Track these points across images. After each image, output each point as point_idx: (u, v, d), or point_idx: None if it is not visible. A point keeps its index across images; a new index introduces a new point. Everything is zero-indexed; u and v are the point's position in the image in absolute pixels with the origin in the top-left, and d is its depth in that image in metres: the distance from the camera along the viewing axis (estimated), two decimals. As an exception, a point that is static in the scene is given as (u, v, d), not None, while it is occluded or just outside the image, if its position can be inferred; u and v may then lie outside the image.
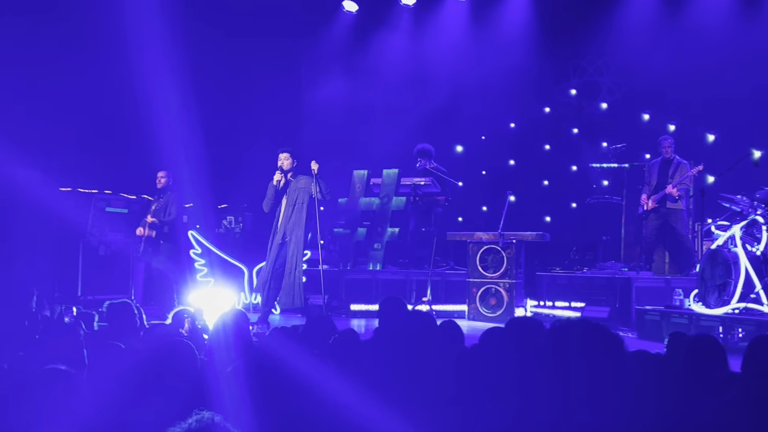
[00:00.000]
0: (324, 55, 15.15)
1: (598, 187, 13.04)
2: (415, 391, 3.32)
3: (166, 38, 11.27)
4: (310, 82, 15.40)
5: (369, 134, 14.18)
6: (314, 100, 15.18)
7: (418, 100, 14.20)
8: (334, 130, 14.36)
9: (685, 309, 9.27)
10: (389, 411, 3.05)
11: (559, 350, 2.96)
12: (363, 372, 3.60)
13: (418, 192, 11.96)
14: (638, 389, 3.34)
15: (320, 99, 14.96)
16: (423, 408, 3.19)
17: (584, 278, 11.15)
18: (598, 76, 14.31)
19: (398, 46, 14.83)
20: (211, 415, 2.33)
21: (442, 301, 11.25)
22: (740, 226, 8.75)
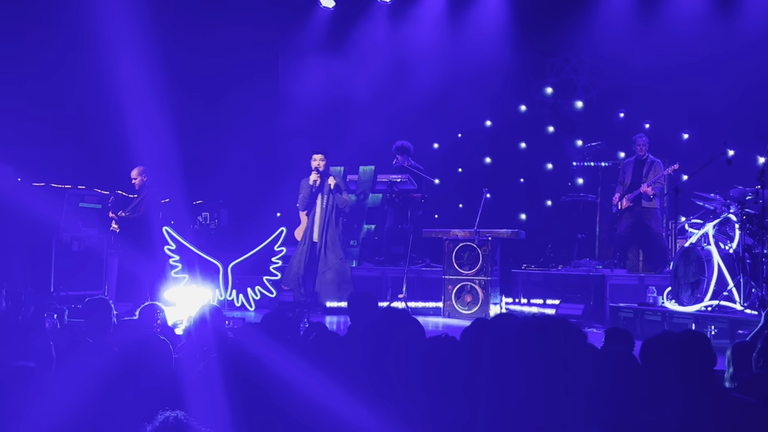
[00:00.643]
0: (301, 51, 15.10)
1: (573, 185, 13.10)
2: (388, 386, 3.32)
3: (139, 32, 11.17)
4: (287, 78, 15.35)
5: (345, 131, 14.14)
6: (291, 96, 15.12)
7: (394, 97, 14.18)
8: (311, 126, 14.31)
9: (658, 306, 9.36)
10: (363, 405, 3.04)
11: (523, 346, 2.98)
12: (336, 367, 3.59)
13: (394, 189, 11.96)
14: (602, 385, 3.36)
15: (296, 95, 14.90)
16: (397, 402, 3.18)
17: (559, 276, 11.22)
18: (574, 74, 14.38)
19: (375, 43, 14.80)
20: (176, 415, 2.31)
21: (417, 298, 11.25)
22: (713, 224, 8.84)
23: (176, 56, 12.49)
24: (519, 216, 13.93)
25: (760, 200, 8.31)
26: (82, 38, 11.31)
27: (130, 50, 11.22)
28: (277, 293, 11.12)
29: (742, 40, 12.45)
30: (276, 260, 11.12)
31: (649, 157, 11.11)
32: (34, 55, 11.70)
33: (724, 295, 8.56)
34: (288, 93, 15.23)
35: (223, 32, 13.68)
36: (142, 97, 11.35)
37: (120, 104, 11.23)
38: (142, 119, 11.35)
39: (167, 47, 11.83)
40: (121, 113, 11.23)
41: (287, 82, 15.33)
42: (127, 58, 11.25)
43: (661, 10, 13.30)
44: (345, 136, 13.96)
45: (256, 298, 11.12)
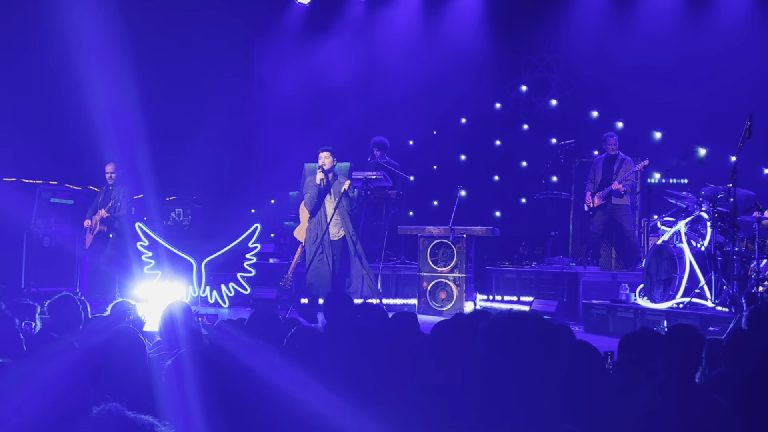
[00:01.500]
0: (276, 47, 15.04)
1: (547, 183, 13.16)
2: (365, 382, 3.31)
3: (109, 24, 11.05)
4: (261, 74, 15.27)
5: (320, 127, 14.09)
6: (265, 92, 15.05)
7: (369, 94, 14.16)
8: (286, 123, 14.27)
9: (630, 303, 9.43)
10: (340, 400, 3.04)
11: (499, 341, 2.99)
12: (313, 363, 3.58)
13: (369, 186, 11.94)
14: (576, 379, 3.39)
15: (271, 92, 14.84)
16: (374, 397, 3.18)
17: (533, 273, 11.27)
18: (548, 72, 14.44)
19: (351, 38, 14.77)
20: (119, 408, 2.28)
21: (392, 295, 11.26)
22: (685, 222, 8.93)
23: (147, 49, 12.38)
24: (493, 213, 13.97)
25: (732, 198, 8.39)
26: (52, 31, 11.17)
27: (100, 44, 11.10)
28: (252, 290, 11.07)
29: (715, 39, 12.59)
30: (250, 257, 11.07)
31: (620, 154, 11.20)
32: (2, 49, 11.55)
33: (696, 292, 8.65)
34: (262, 89, 15.16)
35: (196, 26, 13.56)
36: (113, 92, 11.24)
37: (91, 99, 11.11)
38: (114, 114, 11.24)
39: (138, 40, 11.72)
40: (93, 108, 11.11)
41: (262, 78, 15.25)
42: (98, 52, 11.13)
43: (635, 9, 13.40)
44: (320, 133, 13.90)
45: (229, 295, 11.07)
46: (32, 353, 4.36)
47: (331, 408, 3.01)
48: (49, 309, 5.62)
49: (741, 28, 12.55)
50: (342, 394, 3.08)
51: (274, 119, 14.52)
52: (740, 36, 12.46)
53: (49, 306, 5.68)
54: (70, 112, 11.71)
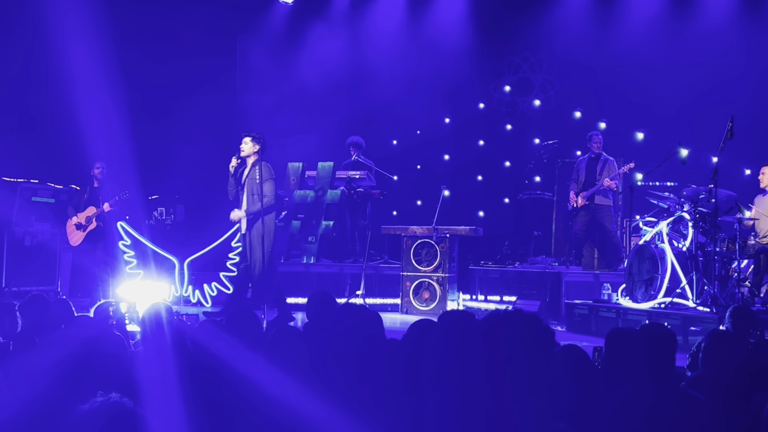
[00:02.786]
0: (259, 46, 14.98)
1: (530, 183, 13.21)
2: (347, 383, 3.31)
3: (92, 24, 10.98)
4: (244, 73, 15.22)
5: (304, 126, 14.07)
6: (248, 90, 15.00)
7: (353, 93, 14.15)
8: (268, 122, 14.21)
9: (612, 303, 9.47)
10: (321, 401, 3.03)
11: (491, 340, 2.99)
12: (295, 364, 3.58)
13: (353, 185, 11.94)
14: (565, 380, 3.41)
15: (254, 90, 14.79)
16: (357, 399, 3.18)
17: (516, 272, 11.30)
18: (532, 72, 14.49)
19: (334, 38, 14.74)
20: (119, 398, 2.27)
21: (375, 295, 11.26)
22: (667, 222, 8.98)
23: (130, 48, 12.29)
24: (477, 213, 13.99)
25: (713, 199, 8.45)
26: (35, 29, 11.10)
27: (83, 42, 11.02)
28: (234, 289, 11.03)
29: (698, 41, 12.67)
30: (233, 256, 11.03)
31: (603, 155, 11.24)
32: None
33: (677, 292, 8.70)
34: (245, 87, 15.11)
35: (179, 25, 13.48)
36: (95, 90, 11.15)
37: (73, 97, 11.02)
38: (95, 112, 11.16)
39: (121, 39, 11.63)
40: (75, 106, 11.03)
41: (244, 76, 15.20)
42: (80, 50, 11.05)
43: (618, 11, 13.46)
44: (303, 132, 13.89)
45: (212, 295, 11.03)
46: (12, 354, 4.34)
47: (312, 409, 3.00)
48: (21, 310, 5.52)
49: (724, 30, 12.63)
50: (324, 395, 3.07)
51: (258, 117, 14.46)
52: (724, 38, 12.54)
53: (20, 307, 5.57)
54: (53, 110, 11.62)
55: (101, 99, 11.19)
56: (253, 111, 14.66)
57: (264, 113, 14.38)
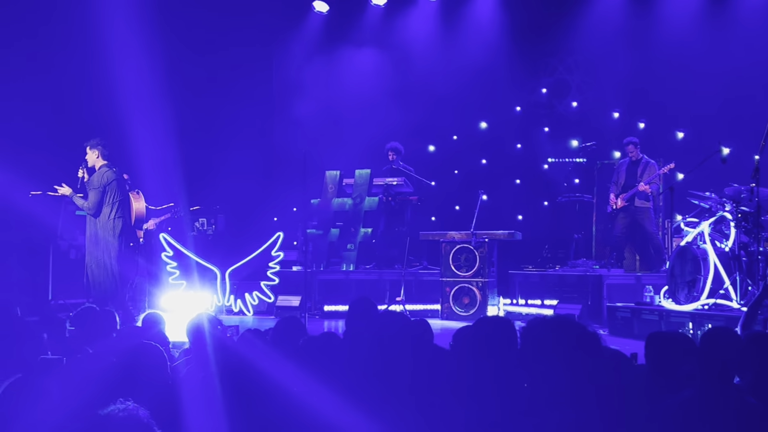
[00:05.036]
0: (296, 56, 15.12)
1: (569, 185, 13.12)
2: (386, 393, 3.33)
3: (139, 38, 11.19)
4: (283, 82, 15.37)
5: (341, 134, 14.16)
6: (286, 101, 15.14)
7: (389, 101, 14.20)
8: (307, 130, 14.33)
9: (655, 306, 9.37)
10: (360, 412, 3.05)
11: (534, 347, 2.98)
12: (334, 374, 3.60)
13: (390, 192, 11.98)
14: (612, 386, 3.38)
15: (292, 100, 14.92)
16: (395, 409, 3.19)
17: (556, 276, 11.23)
18: (568, 74, 14.40)
19: (370, 45, 14.82)
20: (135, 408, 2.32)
21: (415, 301, 11.26)
22: (709, 222, 8.85)
23: (175, 65, 12.49)
24: (516, 217, 13.94)
25: (755, 198, 8.32)
26: (83, 45, 11.33)
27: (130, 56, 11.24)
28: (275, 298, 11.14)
29: (735, 38, 12.49)
30: (273, 265, 11.14)
31: (644, 158, 11.11)
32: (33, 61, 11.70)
33: (721, 293, 8.57)
34: (283, 98, 15.25)
35: (219, 38, 13.70)
36: (140, 105, 11.38)
37: (119, 111, 11.24)
38: (140, 126, 11.36)
39: (167, 55, 11.84)
40: (121, 121, 11.24)
41: (281, 87, 15.34)
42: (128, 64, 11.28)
43: (654, 9, 13.34)
44: (341, 140, 13.98)
45: (254, 304, 11.14)
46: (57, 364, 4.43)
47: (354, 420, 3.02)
48: (73, 321, 5.69)
49: (763, 27, 12.45)
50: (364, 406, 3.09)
51: (296, 127, 14.58)
52: (762, 35, 12.36)
53: (72, 318, 5.74)
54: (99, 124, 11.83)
55: (146, 113, 11.40)
56: (291, 121, 14.80)
57: (301, 123, 14.51)
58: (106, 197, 9.42)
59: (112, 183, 9.46)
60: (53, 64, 11.75)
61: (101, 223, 9.48)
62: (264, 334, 4.88)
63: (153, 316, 6.07)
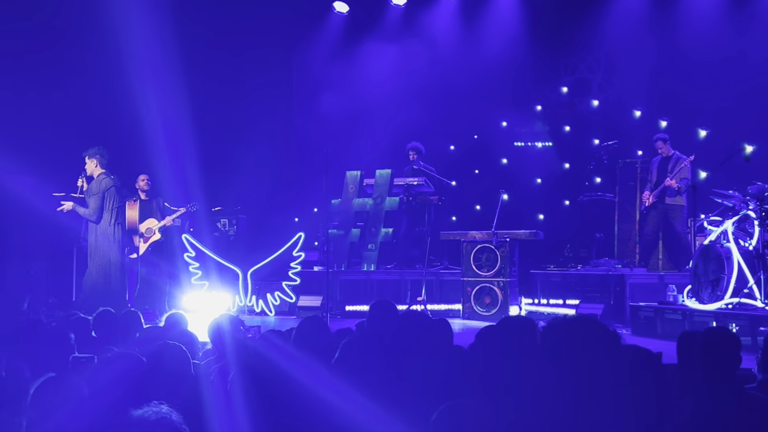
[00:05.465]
0: (316, 55, 15.16)
1: (590, 184, 13.06)
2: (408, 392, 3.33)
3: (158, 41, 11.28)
4: (303, 82, 15.41)
5: (361, 135, 14.18)
6: (306, 100, 15.19)
7: (409, 100, 14.20)
8: (327, 130, 14.36)
9: (678, 305, 9.31)
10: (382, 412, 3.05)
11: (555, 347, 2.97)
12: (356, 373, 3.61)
13: (411, 192, 11.98)
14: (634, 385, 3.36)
15: (312, 100, 14.97)
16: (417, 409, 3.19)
17: (578, 275, 11.18)
18: (589, 72, 14.34)
19: (390, 46, 14.82)
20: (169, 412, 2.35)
21: (436, 301, 11.25)
22: (732, 221, 8.78)
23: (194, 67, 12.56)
24: (537, 216, 13.90)
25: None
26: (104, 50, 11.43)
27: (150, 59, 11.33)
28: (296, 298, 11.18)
29: (758, 34, 12.37)
30: (295, 265, 11.18)
31: (675, 153, 10.93)
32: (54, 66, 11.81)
33: (745, 292, 8.50)
34: (303, 98, 15.30)
35: (239, 38, 13.76)
36: (161, 106, 11.46)
37: (140, 113, 11.33)
38: (161, 128, 11.45)
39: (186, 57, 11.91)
40: (142, 123, 11.33)
41: (301, 87, 15.39)
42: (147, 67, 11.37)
43: (675, 6, 13.24)
44: (361, 140, 14.00)
45: (275, 304, 11.18)
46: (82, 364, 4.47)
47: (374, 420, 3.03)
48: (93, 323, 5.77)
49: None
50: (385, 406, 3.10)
51: (316, 127, 14.62)
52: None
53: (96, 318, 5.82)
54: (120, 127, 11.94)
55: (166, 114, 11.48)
56: (311, 121, 14.84)
57: (322, 123, 14.55)
58: (106, 203, 9.73)
59: (111, 189, 9.79)
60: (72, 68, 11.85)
61: (101, 230, 9.75)
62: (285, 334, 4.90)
63: (176, 316, 6.11)
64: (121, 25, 11.20)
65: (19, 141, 10.53)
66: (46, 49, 11.81)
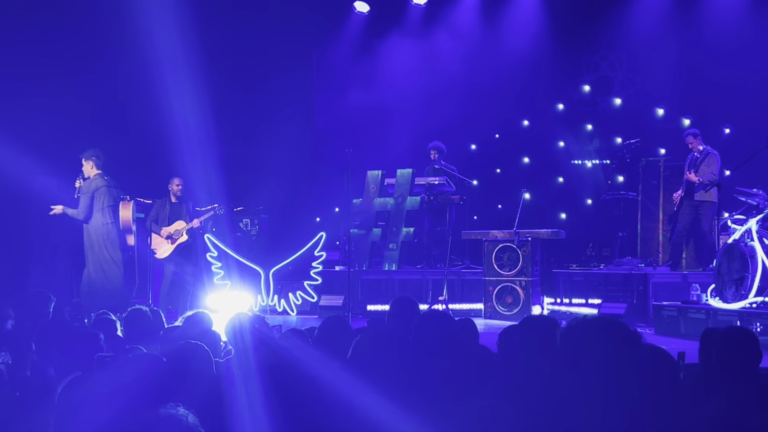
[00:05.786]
0: (337, 55, 15.20)
1: (613, 183, 12.99)
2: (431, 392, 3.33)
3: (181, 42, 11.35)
4: (324, 82, 15.45)
5: (382, 134, 14.19)
6: (328, 100, 15.22)
7: (430, 100, 14.20)
8: (348, 130, 14.39)
9: (702, 304, 9.24)
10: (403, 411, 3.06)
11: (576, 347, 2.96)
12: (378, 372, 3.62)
13: (432, 191, 11.97)
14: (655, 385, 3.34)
15: (333, 101, 15.00)
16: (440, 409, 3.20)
17: (601, 275, 11.12)
18: (611, 71, 14.26)
19: (410, 45, 14.83)
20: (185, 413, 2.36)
21: (458, 300, 11.25)
22: (757, 219, 8.71)
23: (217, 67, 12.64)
24: (559, 215, 13.84)
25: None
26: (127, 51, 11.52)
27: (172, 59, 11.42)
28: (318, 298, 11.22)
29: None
30: (316, 265, 11.22)
31: (706, 149, 10.70)
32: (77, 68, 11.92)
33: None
34: (324, 98, 15.33)
35: (260, 38, 13.83)
36: (184, 107, 11.54)
37: (163, 114, 11.42)
38: (184, 128, 11.53)
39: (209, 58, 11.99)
40: (164, 123, 11.42)
41: (323, 87, 15.42)
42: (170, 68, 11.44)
43: (698, 3, 13.13)
44: (382, 140, 14.01)
45: (297, 303, 11.22)
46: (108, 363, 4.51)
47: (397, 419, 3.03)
48: (124, 322, 5.83)
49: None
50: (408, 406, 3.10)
51: (337, 127, 14.66)
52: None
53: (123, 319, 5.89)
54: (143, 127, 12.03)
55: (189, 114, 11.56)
56: (332, 121, 14.87)
57: (342, 123, 14.57)
58: (96, 203, 9.87)
59: (101, 189, 9.92)
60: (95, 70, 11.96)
61: (94, 228, 9.93)
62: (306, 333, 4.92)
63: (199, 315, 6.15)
64: (145, 26, 11.29)
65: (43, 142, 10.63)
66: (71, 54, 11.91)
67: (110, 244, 9.93)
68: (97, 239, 9.89)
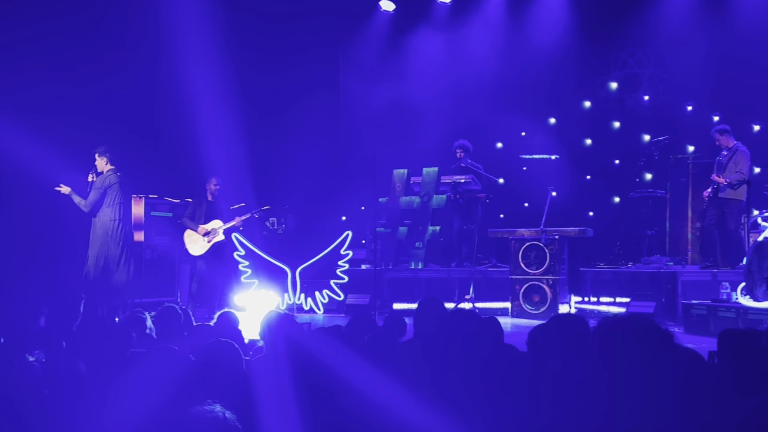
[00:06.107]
0: (362, 54, 15.22)
1: (641, 180, 12.89)
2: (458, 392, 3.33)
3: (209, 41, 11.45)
4: (349, 81, 15.47)
5: (408, 132, 14.18)
6: (353, 99, 15.24)
7: (457, 98, 14.17)
8: (374, 129, 14.40)
9: (732, 302, 9.15)
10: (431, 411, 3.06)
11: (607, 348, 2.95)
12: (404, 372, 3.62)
13: (458, 189, 11.95)
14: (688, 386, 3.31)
15: (359, 99, 15.01)
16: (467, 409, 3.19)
17: (629, 273, 11.03)
18: (639, 68, 14.15)
19: (436, 43, 14.81)
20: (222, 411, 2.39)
21: (485, 299, 11.22)
22: (788, 217, 8.62)
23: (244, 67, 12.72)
24: (586, 213, 13.76)
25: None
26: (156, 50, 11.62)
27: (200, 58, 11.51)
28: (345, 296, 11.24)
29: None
30: (343, 263, 11.24)
31: (735, 145, 10.57)
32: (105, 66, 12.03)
33: (801, 290, 8.34)
34: (350, 97, 15.35)
35: (286, 38, 13.89)
36: (212, 106, 11.63)
37: (190, 114, 11.51)
38: (211, 128, 11.61)
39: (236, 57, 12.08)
40: (192, 123, 11.51)
41: (349, 86, 15.44)
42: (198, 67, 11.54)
43: (726, 0, 13.00)
44: (408, 138, 14.00)
45: (324, 302, 11.26)
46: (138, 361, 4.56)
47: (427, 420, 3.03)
48: (155, 320, 5.89)
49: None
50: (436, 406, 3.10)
51: (363, 126, 14.67)
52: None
53: (154, 317, 5.94)
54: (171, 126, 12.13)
55: (217, 113, 11.64)
56: (358, 119, 14.89)
57: (368, 122, 14.58)
58: (107, 198, 9.97)
59: (114, 186, 10.02)
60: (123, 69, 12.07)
61: (101, 224, 10.02)
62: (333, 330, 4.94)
63: (228, 314, 6.20)
64: (174, 26, 11.38)
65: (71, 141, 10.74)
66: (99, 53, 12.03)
67: (113, 241, 10.01)
68: (103, 234, 9.99)
